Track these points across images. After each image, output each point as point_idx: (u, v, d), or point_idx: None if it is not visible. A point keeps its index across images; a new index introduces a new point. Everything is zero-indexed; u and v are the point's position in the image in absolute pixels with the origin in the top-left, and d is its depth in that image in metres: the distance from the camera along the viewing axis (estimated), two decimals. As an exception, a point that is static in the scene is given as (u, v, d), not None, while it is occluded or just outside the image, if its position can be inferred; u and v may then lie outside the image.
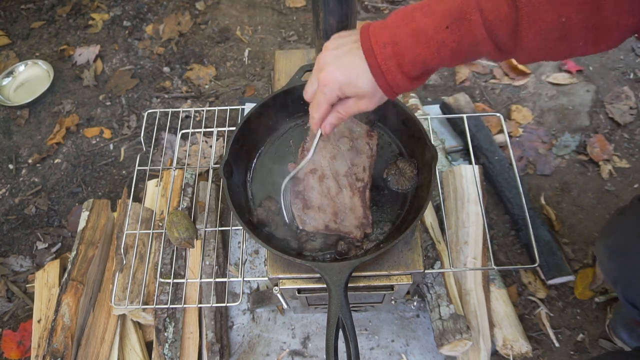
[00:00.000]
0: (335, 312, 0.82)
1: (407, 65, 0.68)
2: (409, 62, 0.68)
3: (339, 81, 0.74)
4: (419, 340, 1.42)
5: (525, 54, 0.62)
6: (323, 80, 0.75)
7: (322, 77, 0.75)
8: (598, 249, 1.10)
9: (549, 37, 0.58)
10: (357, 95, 0.75)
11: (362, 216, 0.98)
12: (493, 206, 1.65)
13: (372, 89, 0.73)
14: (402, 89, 0.73)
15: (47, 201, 1.81)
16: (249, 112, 1.07)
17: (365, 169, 1.03)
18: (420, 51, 0.66)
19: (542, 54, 0.61)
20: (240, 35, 2.25)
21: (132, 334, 1.39)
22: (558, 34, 0.57)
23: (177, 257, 1.39)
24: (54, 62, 2.22)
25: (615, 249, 1.03)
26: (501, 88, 1.98)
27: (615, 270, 1.05)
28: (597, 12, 0.54)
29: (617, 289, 1.07)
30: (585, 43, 0.58)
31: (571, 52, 0.60)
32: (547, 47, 0.59)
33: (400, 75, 0.69)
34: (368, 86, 0.73)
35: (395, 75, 0.70)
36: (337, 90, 0.75)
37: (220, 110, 1.77)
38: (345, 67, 0.73)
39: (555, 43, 0.58)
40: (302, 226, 0.97)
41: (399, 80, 0.70)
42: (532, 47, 0.60)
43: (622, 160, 1.74)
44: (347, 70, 0.73)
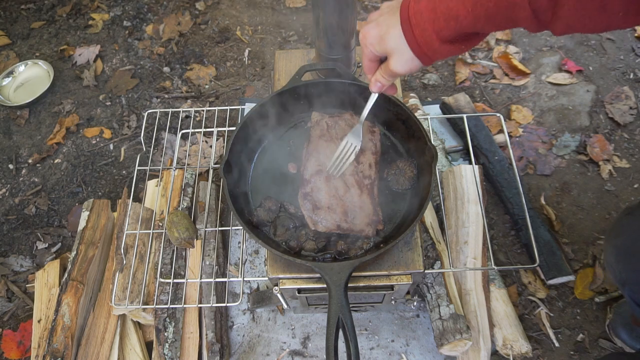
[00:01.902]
0: (335, 312, 0.82)
1: (439, 20, 0.66)
2: (441, 17, 0.66)
3: (372, 36, 0.77)
4: (419, 340, 1.42)
5: (563, 23, 0.59)
6: (361, 36, 0.79)
7: (361, 33, 0.79)
8: (605, 249, 1.09)
9: (588, 6, 0.56)
10: (387, 52, 0.77)
11: (373, 213, 0.98)
12: (493, 206, 1.65)
13: (399, 45, 0.73)
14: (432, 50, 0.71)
15: (47, 201, 1.81)
16: (249, 112, 1.07)
17: (372, 165, 1.03)
18: (454, 5, 0.64)
19: (579, 24, 0.59)
20: (240, 35, 2.25)
21: (132, 334, 1.39)
22: (598, 2, 0.55)
23: (177, 257, 1.39)
24: (54, 62, 2.22)
25: (624, 249, 1.02)
26: (501, 88, 1.98)
27: (624, 271, 1.03)
28: None
29: (624, 290, 1.06)
30: (626, 13, 0.55)
31: (610, 22, 0.58)
32: (585, 16, 0.57)
33: (430, 31, 0.68)
34: (394, 42, 0.73)
35: (424, 30, 0.68)
36: (369, 45, 0.78)
37: (220, 110, 1.77)
38: (380, 24, 0.75)
39: (594, 12, 0.56)
40: (313, 227, 0.96)
41: (428, 37, 0.69)
42: (570, 16, 0.58)
43: (622, 160, 1.74)
44: (380, 26, 0.75)
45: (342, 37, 1.13)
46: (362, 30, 0.78)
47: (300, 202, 0.99)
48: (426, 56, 0.73)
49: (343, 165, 0.99)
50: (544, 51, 2.06)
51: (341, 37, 1.13)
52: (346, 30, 1.12)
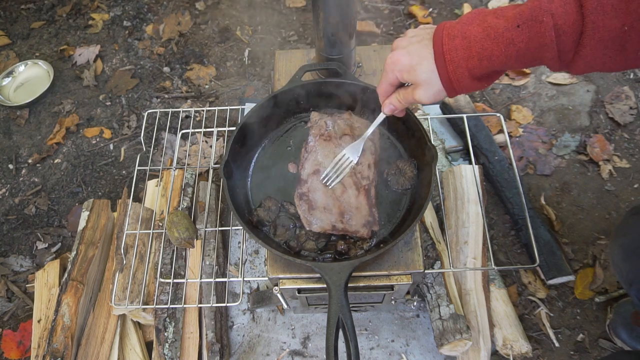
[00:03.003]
0: (335, 312, 0.82)
1: (474, 59, 0.69)
2: (476, 56, 0.69)
3: (401, 63, 0.78)
4: (419, 340, 1.42)
5: (584, 62, 0.63)
6: (388, 61, 0.81)
7: (389, 57, 0.81)
8: (612, 249, 1.08)
9: (610, 47, 0.59)
10: (415, 82, 0.78)
11: (369, 214, 0.98)
12: (493, 206, 1.65)
13: (430, 78, 0.75)
14: (462, 86, 0.74)
15: (47, 201, 1.81)
16: (249, 112, 1.07)
17: (370, 166, 1.03)
18: (488, 46, 0.68)
19: (599, 63, 0.63)
20: (240, 35, 2.25)
21: (132, 334, 1.39)
22: (619, 43, 0.59)
23: (177, 257, 1.39)
24: (54, 62, 2.22)
25: (631, 249, 1.02)
26: (501, 88, 1.98)
27: (631, 271, 1.02)
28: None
29: (631, 290, 1.05)
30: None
31: (627, 62, 0.61)
32: (605, 56, 0.61)
33: (464, 68, 0.71)
34: (426, 74, 0.75)
35: (457, 67, 0.71)
36: (397, 72, 0.80)
37: (220, 110, 1.77)
38: (411, 53, 0.77)
39: (614, 52, 0.60)
40: (308, 227, 0.96)
41: (460, 74, 0.71)
42: (591, 56, 0.61)
43: (622, 160, 1.74)
44: (412, 56, 0.77)
45: (342, 37, 1.13)
46: (392, 56, 0.80)
47: (296, 202, 0.99)
48: (454, 91, 0.76)
49: (337, 177, 1.00)
50: (544, 51, 2.06)
51: (341, 37, 1.13)
52: (346, 31, 1.12)
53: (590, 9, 0.58)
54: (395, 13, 2.26)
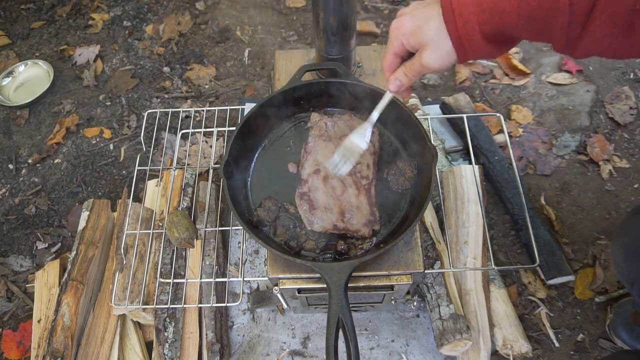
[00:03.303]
0: (335, 312, 0.82)
1: (485, 13, 0.65)
2: (487, 10, 0.64)
3: (405, 27, 0.73)
4: (419, 340, 1.42)
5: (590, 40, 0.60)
6: (392, 26, 0.75)
7: (393, 23, 0.75)
8: (613, 249, 1.08)
9: (618, 24, 0.57)
10: (421, 44, 0.73)
11: (369, 213, 0.98)
12: (493, 206, 1.65)
13: (438, 37, 0.70)
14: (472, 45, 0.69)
15: (47, 201, 1.81)
16: (249, 112, 1.07)
17: (370, 166, 1.03)
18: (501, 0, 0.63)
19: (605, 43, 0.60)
20: (240, 35, 2.25)
21: (132, 334, 1.39)
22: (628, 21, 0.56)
23: (177, 257, 1.39)
24: (54, 62, 2.22)
25: (632, 249, 1.01)
26: (501, 88, 1.98)
27: (633, 270, 1.02)
28: None
29: (633, 290, 1.04)
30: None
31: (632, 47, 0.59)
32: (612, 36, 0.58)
33: (474, 22, 0.66)
34: (433, 32, 0.70)
35: (468, 21, 0.66)
36: (402, 36, 0.74)
37: (220, 110, 1.77)
38: (416, 16, 0.72)
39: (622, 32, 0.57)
40: (309, 227, 0.97)
41: (471, 29, 0.67)
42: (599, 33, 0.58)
43: (622, 160, 1.74)
44: (417, 18, 0.72)
45: (342, 37, 1.13)
46: (395, 22, 0.74)
47: (297, 202, 0.99)
48: (464, 50, 0.70)
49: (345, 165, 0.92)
50: (544, 51, 2.06)
51: (341, 37, 1.13)
52: (346, 30, 1.12)
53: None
54: (395, 13, 2.26)
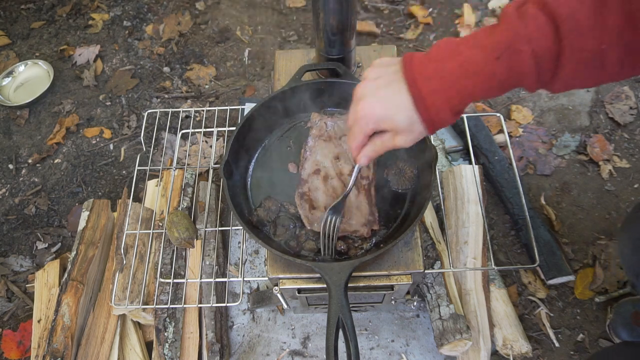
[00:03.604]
0: (335, 312, 0.82)
1: (455, 99, 0.67)
2: (456, 96, 0.66)
3: (377, 115, 0.72)
4: (419, 340, 1.42)
5: (561, 82, 0.61)
6: (361, 112, 0.74)
7: (359, 108, 0.74)
8: (620, 241, 1.07)
9: (589, 66, 0.58)
10: (394, 130, 0.74)
11: (369, 213, 0.98)
12: (493, 206, 1.65)
13: (410, 125, 0.71)
14: (444, 124, 0.71)
15: (47, 201, 1.81)
16: (249, 112, 1.07)
17: (369, 166, 1.03)
18: (469, 83, 0.65)
19: (578, 82, 0.61)
20: (240, 35, 2.25)
21: (132, 334, 1.39)
22: (598, 61, 0.57)
23: (177, 257, 1.39)
24: (54, 62, 2.22)
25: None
26: (501, 88, 1.98)
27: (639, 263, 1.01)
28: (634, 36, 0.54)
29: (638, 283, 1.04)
30: (621, 68, 0.57)
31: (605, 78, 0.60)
32: (585, 75, 0.59)
33: (446, 109, 0.68)
34: (406, 122, 0.71)
35: (440, 109, 0.68)
36: (373, 123, 0.74)
37: (220, 110, 1.77)
38: (384, 101, 0.72)
39: (593, 71, 0.58)
40: (309, 227, 0.97)
41: (443, 114, 0.68)
42: (569, 77, 0.60)
43: (622, 160, 1.74)
44: (386, 104, 0.71)
45: (342, 37, 1.13)
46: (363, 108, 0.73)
47: (297, 202, 0.99)
48: (436, 128, 0.72)
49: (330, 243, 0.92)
50: (544, 51, 2.06)
51: (341, 37, 1.13)
52: (346, 31, 1.11)
53: (567, 31, 0.56)
54: (395, 13, 2.26)
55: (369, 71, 0.76)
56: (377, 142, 0.78)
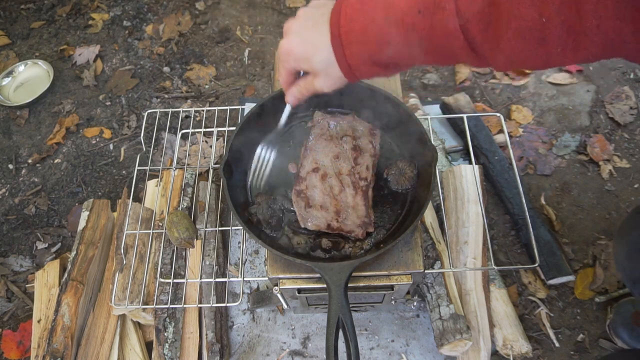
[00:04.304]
0: (335, 312, 0.82)
1: (372, 44, 0.64)
2: (374, 41, 0.64)
3: (295, 53, 0.73)
4: (419, 340, 1.42)
5: (504, 56, 0.58)
6: (281, 49, 0.75)
7: (282, 44, 0.75)
8: (616, 247, 1.07)
9: (529, 38, 0.55)
10: (313, 71, 0.74)
11: (365, 215, 0.98)
12: (493, 206, 1.65)
13: (327, 67, 0.70)
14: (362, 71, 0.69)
15: (47, 201, 1.81)
16: (249, 112, 1.07)
17: (369, 167, 1.03)
18: (388, 30, 0.62)
19: (520, 57, 0.58)
20: (240, 35, 2.25)
21: (132, 334, 1.39)
22: (538, 34, 0.54)
23: (177, 257, 1.39)
24: (54, 62, 2.22)
25: (635, 247, 1.00)
26: (501, 88, 1.98)
27: (635, 269, 1.01)
28: (577, 14, 0.51)
29: (634, 289, 1.04)
30: (564, 49, 0.55)
31: (549, 59, 0.57)
32: (526, 50, 0.56)
33: (362, 54, 0.66)
34: (323, 63, 0.70)
35: (355, 52, 0.66)
36: (293, 61, 0.74)
37: (220, 110, 1.77)
38: (306, 41, 0.72)
39: (534, 45, 0.55)
40: (303, 224, 0.97)
41: (359, 59, 0.67)
42: (510, 49, 0.57)
43: (622, 160, 1.74)
44: (307, 44, 0.71)
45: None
46: (285, 45, 0.73)
47: (293, 199, 0.99)
48: (354, 76, 0.71)
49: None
50: (544, 51, 2.06)
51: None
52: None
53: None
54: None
55: (303, 10, 0.75)
56: (301, 83, 0.79)
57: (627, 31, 0.49)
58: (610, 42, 0.51)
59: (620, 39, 0.51)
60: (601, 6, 0.49)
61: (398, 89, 1.21)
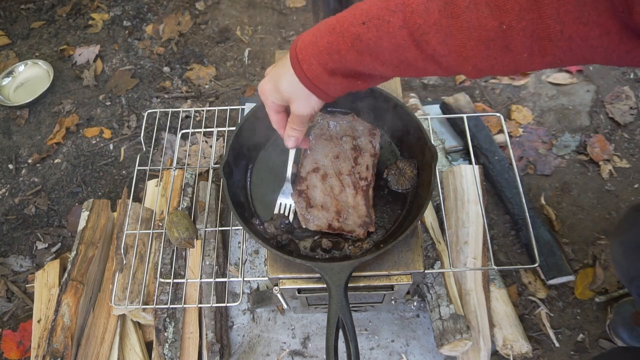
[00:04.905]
0: (335, 312, 0.82)
1: (323, 54, 0.68)
2: (324, 50, 0.67)
3: (267, 89, 0.79)
4: (419, 340, 1.42)
5: (471, 64, 0.58)
6: (259, 90, 0.81)
7: (258, 89, 0.81)
8: (612, 246, 1.07)
9: (492, 46, 0.54)
10: (286, 99, 0.77)
11: (365, 215, 0.98)
12: (493, 206, 1.65)
13: (294, 89, 0.74)
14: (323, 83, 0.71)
15: (47, 201, 1.81)
16: (249, 112, 1.07)
17: (369, 167, 1.03)
18: (334, 39, 0.66)
19: (487, 65, 0.58)
20: (240, 35, 2.25)
21: (132, 334, 1.39)
22: (501, 42, 0.53)
23: (177, 257, 1.39)
24: (54, 62, 2.22)
25: (632, 246, 1.01)
26: (501, 88, 1.98)
27: (631, 268, 1.01)
28: (539, 20, 0.49)
29: (631, 287, 1.04)
30: (530, 55, 0.53)
31: (517, 65, 0.56)
32: (491, 57, 0.56)
33: (316, 64, 0.69)
34: (289, 85, 0.74)
35: (310, 64, 0.69)
36: (270, 97, 0.79)
37: (220, 110, 1.77)
38: (272, 76, 0.77)
39: (499, 53, 0.55)
40: (305, 225, 0.97)
41: (315, 71, 0.70)
42: (476, 57, 0.57)
43: (622, 160, 1.74)
44: (273, 78, 0.77)
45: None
46: (259, 87, 0.80)
47: (294, 199, 0.99)
48: (320, 90, 0.73)
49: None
50: (544, 51, 2.06)
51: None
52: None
53: (463, 7, 0.53)
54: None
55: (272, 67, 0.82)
56: (289, 120, 0.83)
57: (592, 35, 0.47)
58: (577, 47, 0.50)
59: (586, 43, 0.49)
60: (563, 11, 0.47)
61: (398, 89, 1.21)
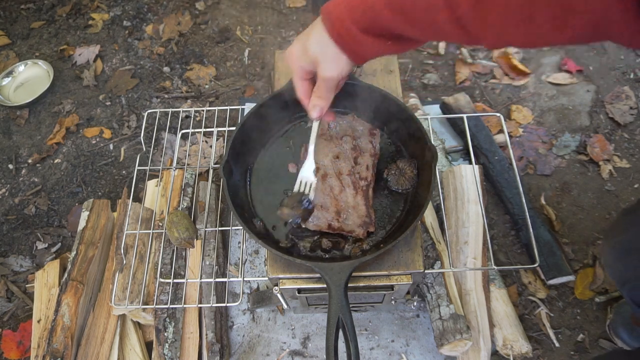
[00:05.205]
0: (335, 312, 0.82)
1: (356, 10, 0.67)
2: (358, 7, 0.67)
3: (295, 51, 0.77)
4: (419, 340, 1.42)
5: (494, 33, 0.59)
6: (286, 57, 0.79)
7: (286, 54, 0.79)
8: (604, 249, 1.07)
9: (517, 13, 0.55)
10: (314, 59, 0.75)
11: (365, 215, 0.98)
12: (493, 206, 1.65)
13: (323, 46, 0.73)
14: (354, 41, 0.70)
15: (47, 201, 1.81)
16: (249, 112, 1.07)
17: (369, 167, 1.03)
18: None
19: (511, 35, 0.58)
20: (240, 35, 2.25)
21: (132, 334, 1.39)
22: (527, 10, 0.54)
23: (177, 257, 1.39)
24: (54, 62, 2.22)
25: (623, 249, 1.01)
26: (501, 88, 1.98)
27: (624, 270, 1.02)
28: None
29: (623, 290, 1.04)
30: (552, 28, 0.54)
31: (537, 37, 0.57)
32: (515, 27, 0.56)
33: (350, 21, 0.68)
34: (318, 43, 0.73)
35: (342, 19, 0.68)
36: (297, 60, 0.77)
37: (220, 110, 1.77)
38: (301, 38, 0.76)
39: (523, 22, 0.56)
40: (304, 225, 0.97)
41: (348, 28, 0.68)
42: (500, 25, 0.57)
43: (622, 160, 1.74)
44: (302, 39, 0.76)
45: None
46: (287, 52, 0.78)
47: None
48: (352, 49, 0.72)
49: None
50: (544, 51, 2.06)
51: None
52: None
53: None
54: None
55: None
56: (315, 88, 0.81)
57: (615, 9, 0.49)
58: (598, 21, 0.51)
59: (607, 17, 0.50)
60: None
61: (398, 88, 1.21)
